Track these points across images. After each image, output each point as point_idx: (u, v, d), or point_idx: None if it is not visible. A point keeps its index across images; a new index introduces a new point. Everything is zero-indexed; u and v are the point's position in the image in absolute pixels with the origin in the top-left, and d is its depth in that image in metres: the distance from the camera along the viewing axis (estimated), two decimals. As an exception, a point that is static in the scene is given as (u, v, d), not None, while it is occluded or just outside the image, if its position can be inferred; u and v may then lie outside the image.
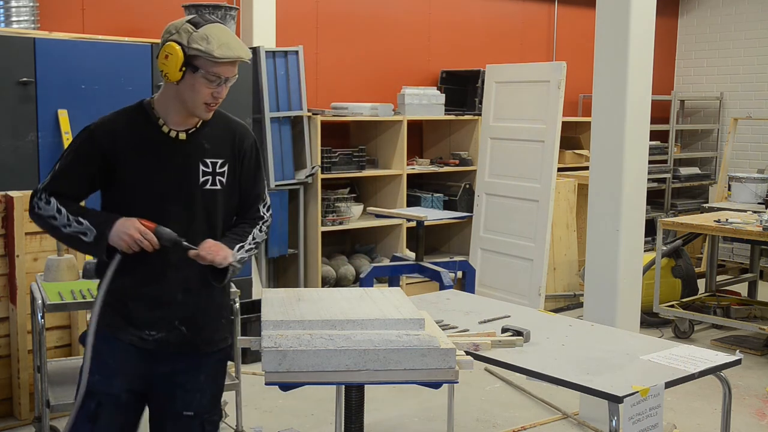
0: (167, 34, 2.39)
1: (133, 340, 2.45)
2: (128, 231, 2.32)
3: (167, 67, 2.35)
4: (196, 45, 2.33)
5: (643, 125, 4.40)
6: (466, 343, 2.78)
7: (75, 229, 2.36)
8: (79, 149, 2.44)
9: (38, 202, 2.39)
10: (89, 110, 5.02)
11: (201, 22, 2.38)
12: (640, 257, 4.50)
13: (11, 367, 4.35)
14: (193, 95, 2.39)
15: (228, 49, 2.36)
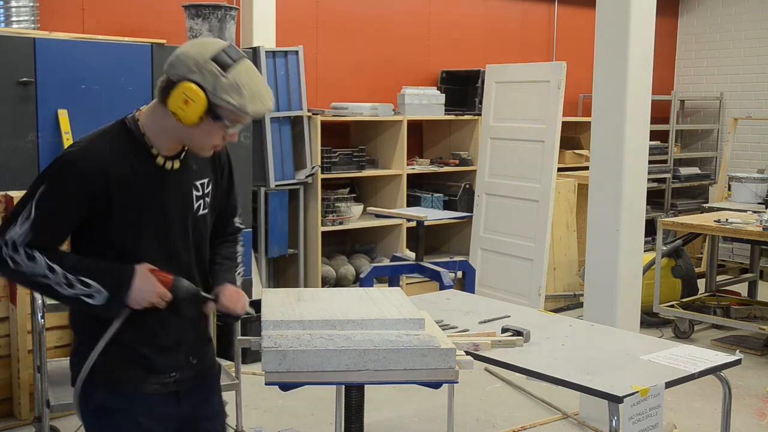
0: (184, 69, 2.01)
1: (156, 388, 2.19)
2: (149, 295, 2.07)
3: (184, 113, 2.01)
4: (226, 97, 2.00)
5: (643, 125, 4.40)
6: (466, 343, 2.78)
7: (78, 291, 2.02)
8: (64, 191, 2.03)
9: (13, 256, 2.00)
10: (89, 110, 5.03)
11: (228, 62, 2.02)
12: (640, 257, 4.50)
13: (11, 367, 4.35)
14: (205, 139, 2.10)
15: (260, 101, 2.05)
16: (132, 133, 2.14)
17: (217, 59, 2.01)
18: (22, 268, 2.01)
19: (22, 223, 2.01)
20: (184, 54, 2.05)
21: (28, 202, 2.03)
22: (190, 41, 2.15)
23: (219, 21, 5.59)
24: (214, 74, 2.01)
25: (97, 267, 2.07)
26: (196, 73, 2.01)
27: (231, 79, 2.01)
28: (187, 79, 2.01)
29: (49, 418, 3.64)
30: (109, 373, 2.14)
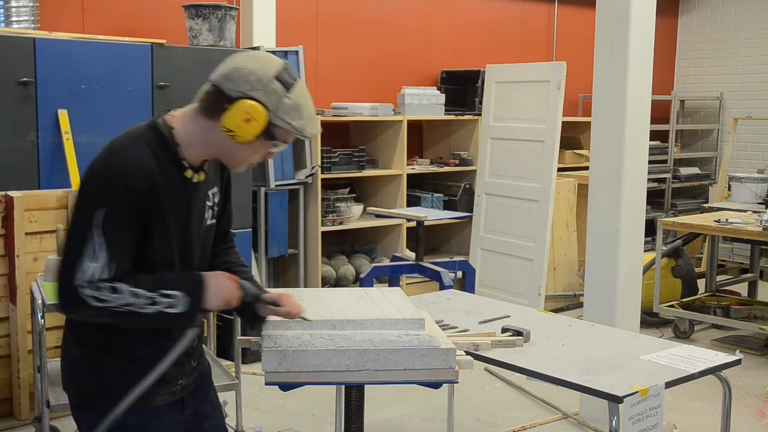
0: (247, 86, 1.94)
1: (165, 398, 2.13)
2: (225, 292, 2.03)
3: (243, 130, 1.94)
4: (287, 118, 1.96)
5: (643, 125, 4.40)
6: (466, 343, 2.78)
7: (161, 306, 1.92)
8: (126, 210, 1.91)
9: (96, 295, 1.87)
10: (89, 110, 5.03)
11: (290, 82, 1.98)
12: (640, 257, 4.50)
13: (11, 367, 4.35)
14: (248, 156, 2.04)
15: (315, 124, 2.04)
16: (166, 141, 2.02)
17: (281, 78, 1.97)
18: (108, 304, 1.88)
19: (95, 257, 1.87)
20: (246, 69, 1.97)
21: (88, 231, 1.87)
22: (244, 54, 2.04)
23: (219, 21, 5.59)
24: (278, 94, 1.96)
25: (170, 277, 1.99)
26: (259, 91, 1.95)
27: (293, 100, 1.98)
28: (250, 96, 1.94)
29: (49, 418, 3.64)
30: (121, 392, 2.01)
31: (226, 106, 1.96)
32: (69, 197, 4.41)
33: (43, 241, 4.34)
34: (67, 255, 1.90)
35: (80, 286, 1.86)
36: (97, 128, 5.08)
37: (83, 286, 1.86)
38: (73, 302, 1.89)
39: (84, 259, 1.87)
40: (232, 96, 1.95)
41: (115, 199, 1.90)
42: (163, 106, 5.27)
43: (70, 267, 1.88)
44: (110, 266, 1.88)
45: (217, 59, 6.09)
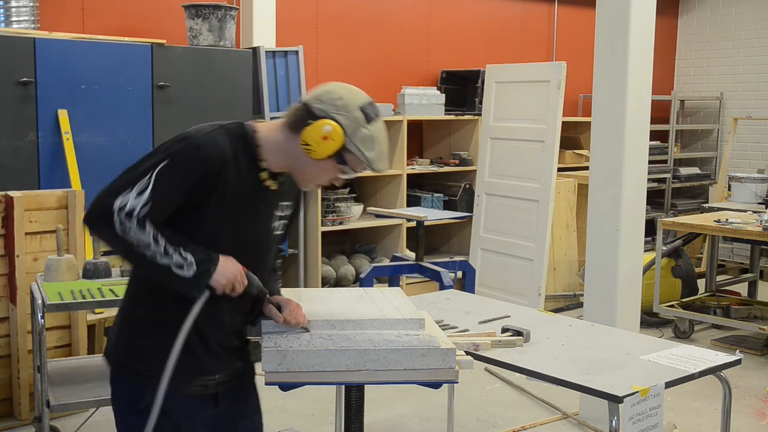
0: (332, 108, 2.11)
1: (198, 390, 2.20)
2: (231, 273, 2.11)
3: (318, 147, 2.08)
4: (360, 146, 2.11)
5: (643, 125, 4.40)
6: (466, 343, 2.78)
7: (174, 261, 2.03)
8: (185, 171, 2.05)
9: (126, 223, 1.99)
10: (89, 110, 5.04)
11: (372, 116, 2.14)
12: (640, 257, 4.50)
13: (11, 367, 4.35)
14: (317, 175, 2.18)
15: (384, 161, 2.17)
16: (249, 140, 2.16)
17: (365, 110, 2.14)
18: (129, 236, 2.00)
19: (140, 193, 2.01)
20: (335, 93, 2.15)
21: (147, 172, 2.03)
22: (338, 83, 2.22)
23: (219, 21, 5.60)
24: (358, 122, 2.12)
25: (190, 245, 2.09)
26: (342, 115, 2.11)
27: (370, 132, 2.13)
28: (332, 117, 2.10)
29: (49, 418, 3.63)
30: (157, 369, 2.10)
31: (309, 122, 2.11)
32: (69, 197, 4.41)
33: (43, 241, 4.34)
34: (118, 181, 2.05)
35: (116, 209, 1.99)
36: (97, 128, 5.09)
37: (117, 211, 1.99)
38: (101, 220, 2.02)
39: (131, 192, 2.01)
40: (317, 114, 2.12)
41: (181, 159, 2.05)
42: (163, 106, 5.31)
43: (114, 191, 2.02)
44: (147, 208, 2.01)
45: (217, 59, 6.09)
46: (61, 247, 3.87)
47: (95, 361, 4.16)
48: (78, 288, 3.66)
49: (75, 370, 3.98)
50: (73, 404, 3.61)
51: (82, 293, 3.58)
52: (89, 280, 3.82)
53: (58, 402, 3.58)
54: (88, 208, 2.06)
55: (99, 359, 4.22)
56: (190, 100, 5.43)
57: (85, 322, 4.54)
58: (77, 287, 3.67)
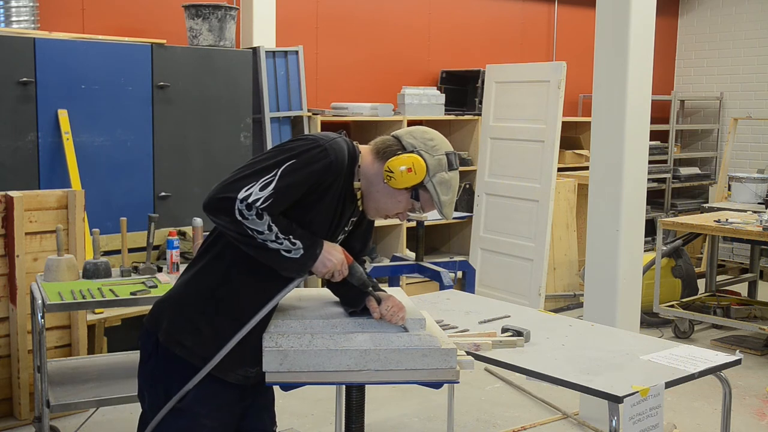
0: (422, 146, 2.27)
1: (239, 378, 2.31)
2: (333, 260, 2.23)
3: (399, 177, 2.23)
4: (437, 187, 2.27)
5: (643, 125, 4.40)
6: (466, 343, 2.78)
7: (283, 247, 2.16)
8: (309, 172, 2.18)
9: (246, 212, 2.12)
10: (89, 110, 5.03)
11: (453, 166, 2.31)
12: (640, 257, 4.50)
13: (11, 367, 4.35)
14: (388, 205, 2.32)
15: (451, 209, 2.33)
16: (354, 158, 2.30)
17: (449, 158, 2.30)
18: (246, 223, 2.12)
19: (264, 187, 2.12)
20: (429, 134, 2.31)
21: (273, 168, 2.14)
22: (431, 131, 2.36)
23: (219, 21, 5.60)
24: (441, 165, 2.28)
25: (300, 230, 2.20)
26: (430, 155, 2.27)
27: (448, 178, 2.29)
28: (420, 154, 2.26)
29: (49, 418, 3.63)
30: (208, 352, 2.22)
31: (398, 152, 2.27)
32: (69, 197, 4.41)
33: (43, 241, 4.34)
34: (245, 172, 2.15)
35: (239, 199, 2.11)
36: (97, 128, 5.09)
37: (240, 200, 2.11)
38: (223, 206, 2.12)
39: (256, 185, 2.13)
40: (407, 147, 2.28)
41: (309, 159, 2.17)
42: (163, 106, 5.31)
43: (240, 182, 2.13)
44: (268, 201, 2.13)
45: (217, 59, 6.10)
46: (61, 247, 3.87)
47: (95, 361, 4.16)
48: (78, 288, 3.66)
49: (75, 370, 3.98)
50: (73, 404, 3.61)
51: (82, 293, 3.58)
52: (89, 280, 3.82)
53: (58, 402, 3.58)
54: (210, 193, 2.15)
55: (99, 359, 4.23)
56: (190, 100, 5.43)
57: (85, 322, 4.54)
58: (77, 287, 3.67)
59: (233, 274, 2.26)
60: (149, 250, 4.08)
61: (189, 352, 2.24)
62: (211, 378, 2.24)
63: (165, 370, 2.28)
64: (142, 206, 5.13)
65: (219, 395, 2.28)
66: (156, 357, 2.29)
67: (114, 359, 4.14)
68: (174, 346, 2.26)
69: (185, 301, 2.31)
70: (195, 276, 2.33)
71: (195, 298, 2.30)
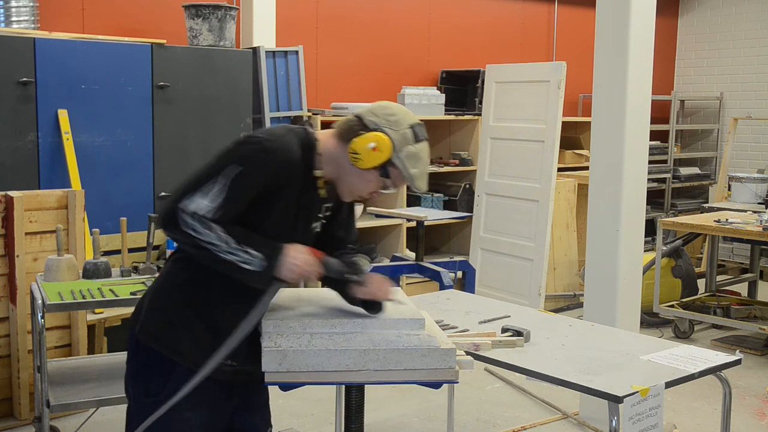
0: (384, 122, 2.21)
1: (216, 373, 2.25)
2: (300, 264, 2.18)
3: (365, 156, 2.17)
4: (406, 162, 2.20)
5: (643, 125, 4.40)
6: (466, 343, 2.78)
7: (238, 258, 2.12)
8: (259, 177, 2.15)
9: (191, 223, 2.09)
10: (89, 110, 5.03)
11: (420, 137, 2.24)
12: (640, 257, 4.50)
13: (11, 367, 4.35)
14: (359, 186, 2.27)
15: (424, 181, 2.26)
16: (312, 147, 2.26)
17: (414, 129, 2.23)
18: (193, 234, 2.10)
19: (213, 199, 2.10)
20: (389, 109, 2.25)
21: (219, 178, 2.11)
22: (393, 105, 2.29)
23: (219, 21, 5.60)
24: (406, 138, 2.21)
25: (257, 239, 2.17)
26: (393, 130, 2.21)
27: (416, 150, 2.22)
28: (383, 131, 2.20)
29: (49, 418, 3.63)
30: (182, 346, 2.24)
31: (361, 132, 2.21)
32: (69, 197, 4.41)
33: (43, 241, 4.34)
34: (188, 184, 2.14)
35: (183, 210, 2.10)
36: (97, 128, 5.09)
37: (185, 212, 2.09)
38: (170, 220, 2.12)
39: (198, 194, 2.11)
40: (369, 126, 2.21)
41: (256, 165, 2.14)
42: (163, 106, 5.31)
43: (184, 193, 2.12)
44: (217, 211, 2.11)
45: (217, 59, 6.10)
46: (61, 247, 3.87)
47: (95, 361, 4.16)
48: (78, 288, 3.66)
49: (75, 370, 3.98)
50: (73, 404, 3.61)
51: (82, 293, 3.58)
52: (89, 280, 3.82)
53: (58, 402, 3.58)
54: (160, 209, 2.18)
55: (99, 359, 4.23)
56: (190, 100, 5.43)
57: (85, 322, 4.54)
58: (77, 287, 3.67)
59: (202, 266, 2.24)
60: (149, 250, 4.08)
61: (163, 345, 2.26)
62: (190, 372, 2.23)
63: (144, 365, 2.29)
64: (142, 206, 5.13)
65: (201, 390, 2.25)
66: (137, 353, 2.31)
67: (114, 359, 4.13)
68: (149, 340, 2.27)
69: (159, 294, 2.33)
70: (170, 269, 2.35)
71: (169, 291, 2.31)
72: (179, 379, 2.23)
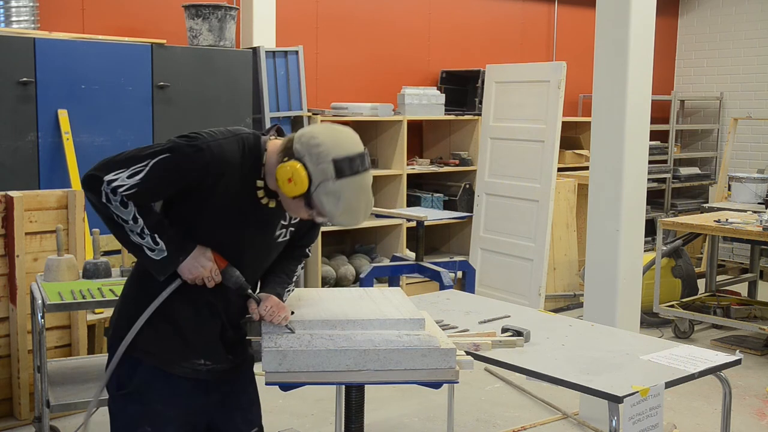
0: (305, 152, 2.06)
1: (187, 372, 2.28)
2: (200, 267, 2.18)
3: (285, 186, 2.08)
4: (323, 198, 2.07)
5: (643, 125, 4.40)
6: (466, 343, 2.78)
7: (145, 243, 2.14)
8: (181, 170, 2.12)
9: (111, 196, 2.10)
10: (89, 110, 5.03)
11: (345, 172, 2.06)
12: (640, 257, 4.50)
13: (11, 367, 4.35)
14: (290, 208, 2.20)
15: (352, 216, 2.12)
16: (257, 156, 2.20)
17: (337, 164, 2.07)
18: (110, 208, 2.12)
19: (132, 175, 2.10)
20: (317, 138, 2.10)
21: (146, 159, 2.11)
22: (332, 127, 2.17)
23: (219, 21, 5.60)
24: (325, 174, 2.06)
25: (170, 231, 2.17)
26: (312, 163, 2.07)
27: (336, 188, 2.07)
28: (303, 162, 2.07)
29: (49, 418, 3.63)
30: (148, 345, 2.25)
31: (285, 159, 2.11)
32: (69, 197, 4.41)
33: (43, 241, 4.34)
34: (121, 157, 2.15)
35: (105, 180, 2.11)
36: (97, 128, 5.09)
37: (107, 182, 2.11)
38: (91, 185, 2.13)
39: (123, 171, 2.11)
40: (294, 154, 2.10)
41: (182, 157, 2.11)
42: (163, 106, 5.31)
43: (110, 165, 2.13)
44: (135, 191, 2.10)
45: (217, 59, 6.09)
46: (61, 247, 3.87)
47: (95, 361, 4.15)
48: (78, 288, 3.66)
49: (75, 370, 3.98)
50: (73, 404, 3.61)
51: (82, 293, 3.58)
52: (89, 280, 3.82)
53: (58, 402, 3.58)
54: (87, 171, 2.17)
55: (99, 359, 4.23)
56: (190, 100, 5.43)
57: (85, 322, 4.54)
58: (77, 287, 3.67)
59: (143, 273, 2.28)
60: (149, 250, 4.07)
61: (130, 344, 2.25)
62: (158, 369, 2.26)
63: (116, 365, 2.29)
64: (142, 206, 5.12)
65: (170, 385, 2.27)
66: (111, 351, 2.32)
67: (114, 359, 4.13)
68: (116, 340, 2.28)
69: (125, 296, 2.37)
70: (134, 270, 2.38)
71: (131, 292, 2.34)
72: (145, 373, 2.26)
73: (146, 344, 2.25)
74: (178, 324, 2.27)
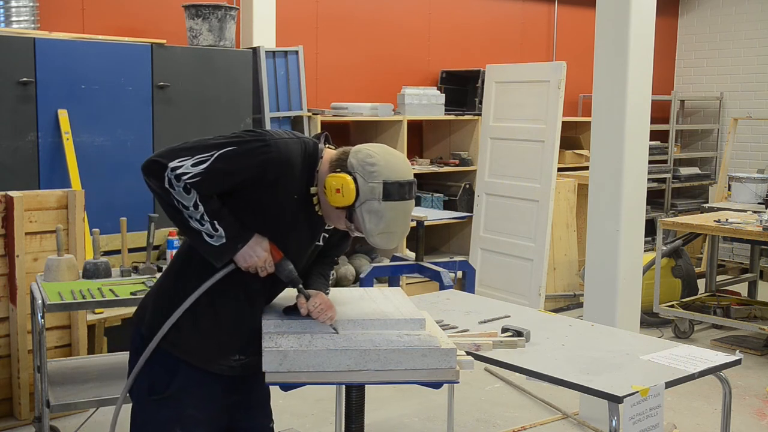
0: (361, 168, 2.14)
1: (223, 369, 2.32)
2: (255, 257, 2.21)
3: (332, 196, 2.15)
4: (364, 215, 2.15)
5: (643, 125, 4.40)
6: (466, 343, 2.78)
7: (204, 229, 2.16)
8: (246, 165, 2.14)
9: (174, 182, 2.12)
10: (89, 110, 5.03)
11: (392, 196, 2.14)
12: (640, 257, 4.50)
13: (11, 367, 4.35)
14: (330, 216, 2.26)
15: (387, 239, 2.19)
16: (313, 162, 2.24)
17: (387, 186, 2.14)
18: (173, 194, 2.13)
19: (196, 164, 2.11)
20: (373, 157, 2.16)
21: (212, 150, 2.12)
22: (391, 150, 2.23)
23: (219, 21, 5.60)
24: (373, 193, 2.14)
25: (228, 218, 2.19)
26: (364, 180, 2.14)
27: (380, 208, 2.14)
28: (354, 177, 2.14)
29: (49, 418, 3.63)
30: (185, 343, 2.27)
31: (338, 170, 2.18)
32: (69, 197, 4.41)
33: (43, 241, 4.34)
34: (186, 145, 2.16)
35: (170, 167, 2.11)
36: (97, 128, 5.09)
37: (171, 169, 2.11)
38: (154, 170, 2.13)
39: (190, 160, 2.12)
40: (347, 167, 2.17)
41: (249, 152, 2.14)
42: (163, 106, 5.31)
43: (178, 152, 2.14)
44: (196, 178, 2.12)
45: (217, 59, 6.09)
46: (61, 247, 3.87)
47: (95, 361, 4.16)
48: (78, 288, 3.66)
49: (75, 370, 3.98)
50: (73, 404, 3.61)
51: (82, 293, 3.58)
52: (89, 280, 3.82)
53: (58, 402, 3.58)
54: (149, 158, 2.16)
55: (99, 359, 4.23)
56: (190, 100, 5.43)
57: (85, 322, 4.54)
58: (77, 287, 3.67)
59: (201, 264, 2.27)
60: (149, 250, 4.08)
61: (169, 342, 2.27)
62: (193, 368, 2.27)
63: (149, 363, 2.29)
64: (142, 206, 5.12)
65: (204, 385, 2.30)
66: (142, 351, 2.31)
67: (114, 359, 4.14)
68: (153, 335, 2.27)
69: (162, 291, 2.35)
70: (172, 265, 2.37)
71: (170, 287, 2.33)
72: (184, 377, 2.26)
73: (187, 342, 2.27)
74: (218, 319, 2.28)
